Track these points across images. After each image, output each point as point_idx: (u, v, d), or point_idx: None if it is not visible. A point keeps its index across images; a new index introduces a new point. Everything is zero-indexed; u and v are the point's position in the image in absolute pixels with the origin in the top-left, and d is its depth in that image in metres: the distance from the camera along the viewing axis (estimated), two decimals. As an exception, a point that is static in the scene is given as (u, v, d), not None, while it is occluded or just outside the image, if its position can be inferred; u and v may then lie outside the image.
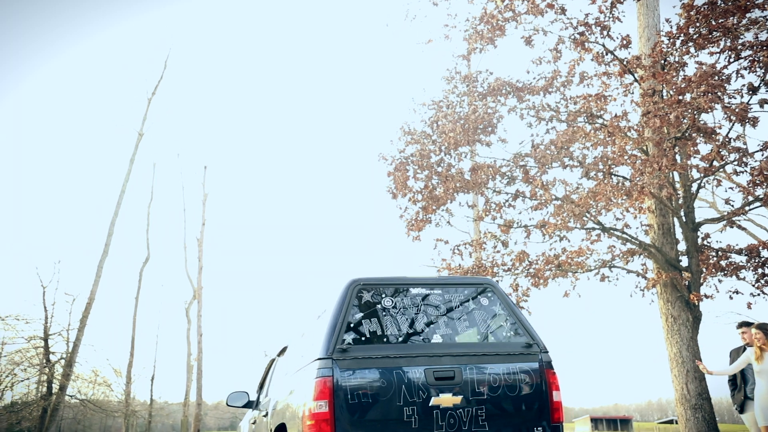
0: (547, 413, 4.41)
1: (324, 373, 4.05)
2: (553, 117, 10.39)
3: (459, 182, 10.58)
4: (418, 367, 4.22)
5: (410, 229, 11.88)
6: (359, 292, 4.53)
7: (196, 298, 30.15)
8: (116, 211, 26.29)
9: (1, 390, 50.59)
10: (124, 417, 30.09)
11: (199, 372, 29.15)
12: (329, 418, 3.95)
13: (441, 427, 4.13)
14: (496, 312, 4.70)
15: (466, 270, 11.53)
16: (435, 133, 10.78)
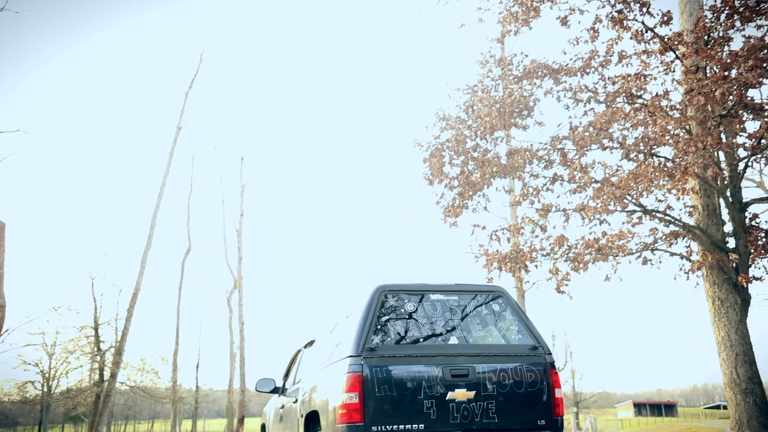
0: (549, 408, 4.94)
1: (355, 369, 4.65)
2: (591, 98, 10.18)
3: (495, 167, 10.49)
4: (436, 366, 4.80)
5: (447, 216, 11.84)
6: (384, 297, 5.12)
7: (237, 288, 30.72)
8: (158, 204, 26.94)
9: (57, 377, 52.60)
10: (172, 403, 31.00)
11: (241, 359, 29.78)
12: (359, 408, 4.56)
13: (456, 419, 4.72)
14: (506, 317, 5.28)
15: (504, 256, 11.45)
16: (470, 118, 10.69)
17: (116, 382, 26.18)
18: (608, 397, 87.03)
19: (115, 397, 28.41)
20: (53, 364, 55.19)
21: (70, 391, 33.20)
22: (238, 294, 30.49)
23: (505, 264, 11.46)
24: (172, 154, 27.77)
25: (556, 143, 10.32)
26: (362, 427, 4.56)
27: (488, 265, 11.54)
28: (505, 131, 11.03)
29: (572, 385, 50.51)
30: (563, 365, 49.93)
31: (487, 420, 4.78)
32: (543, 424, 4.90)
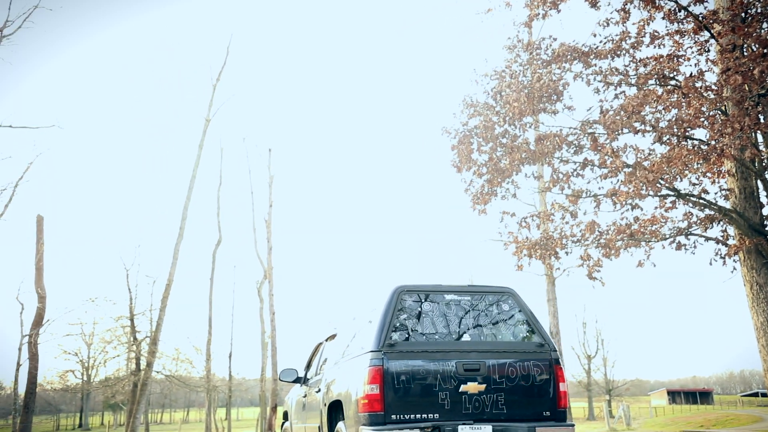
0: (554, 400, 5.36)
1: (376, 363, 5.10)
2: (622, 81, 9.97)
3: (525, 153, 10.37)
4: (450, 360, 5.22)
5: (476, 203, 11.77)
6: (403, 297, 5.54)
7: (267, 278, 31.07)
8: (188, 196, 27.36)
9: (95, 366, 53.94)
10: (206, 392, 31.59)
11: (273, 349, 30.16)
12: (380, 399, 5.02)
13: (468, 410, 5.15)
14: (515, 316, 5.72)
15: (534, 243, 11.34)
16: (498, 104, 10.57)
17: (152, 371, 26.81)
18: (641, 384, 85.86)
19: (151, 386, 29.09)
20: (92, 353, 56.67)
21: (109, 380, 34.13)
22: (269, 284, 30.83)
23: (535, 251, 11.35)
24: (201, 146, 28.13)
25: (587, 128, 10.15)
26: (383, 415, 5.02)
27: (518, 253, 11.45)
28: (533, 117, 10.88)
29: (604, 373, 49.99)
30: (594, 353, 49.45)
31: (496, 411, 5.20)
32: (548, 415, 5.31)
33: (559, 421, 5.33)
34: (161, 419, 77.77)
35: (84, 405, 67.96)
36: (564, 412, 5.39)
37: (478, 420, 5.15)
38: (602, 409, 45.60)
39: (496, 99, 10.62)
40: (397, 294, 5.53)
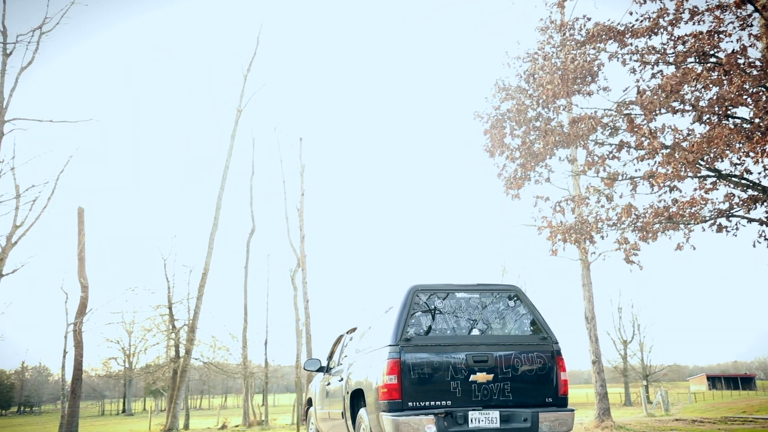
0: (556, 388, 5.88)
1: (394, 356, 5.61)
2: (659, 60, 9.70)
3: (558, 136, 10.20)
4: (461, 353, 5.73)
5: (509, 188, 11.65)
6: (417, 295, 6.04)
7: (301, 266, 31.36)
8: (222, 186, 27.75)
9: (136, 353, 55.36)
10: (243, 378, 32.16)
11: (308, 336, 30.51)
12: (398, 387, 5.52)
13: (477, 397, 5.65)
14: (521, 312, 6.22)
15: (568, 227, 11.19)
16: (531, 87, 10.41)
17: (191, 358, 27.40)
18: (679, 370, 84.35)
19: (190, 372, 29.76)
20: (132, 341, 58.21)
21: (149, 367, 35.00)
22: (302, 272, 31.13)
23: (570, 236, 11.20)
24: (233, 136, 28.45)
25: (622, 109, 9.93)
26: (400, 403, 5.52)
27: (552, 238, 11.31)
28: (567, 99, 10.69)
29: (641, 358, 49.21)
30: (630, 338, 48.70)
31: (503, 398, 5.71)
32: (551, 401, 5.83)
33: (560, 406, 5.86)
34: (200, 405, 79.61)
35: (127, 391, 70.00)
36: (565, 399, 5.92)
37: (486, 406, 5.65)
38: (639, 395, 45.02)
39: (528, 82, 10.46)
40: (412, 293, 6.04)
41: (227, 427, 28.35)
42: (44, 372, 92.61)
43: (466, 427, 5.54)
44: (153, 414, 43.08)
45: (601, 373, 18.54)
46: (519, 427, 5.63)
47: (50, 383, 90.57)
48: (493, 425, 5.59)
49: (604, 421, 17.23)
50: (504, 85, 10.79)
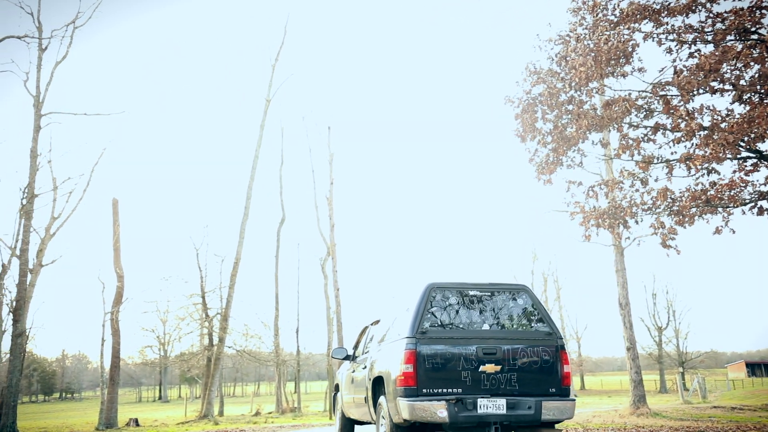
0: (559, 379, 6.32)
1: (410, 347, 6.12)
2: (697, 38, 9.41)
3: (592, 119, 9.99)
4: (472, 345, 6.23)
5: (541, 173, 11.49)
6: (433, 292, 6.54)
7: (330, 255, 31.54)
8: (252, 176, 28.00)
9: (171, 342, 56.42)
10: (275, 366, 32.61)
11: (338, 324, 30.73)
12: (413, 375, 6.03)
13: (486, 386, 6.13)
14: (528, 308, 6.69)
15: (601, 212, 11.00)
16: (563, 70, 10.21)
17: (224, 346, 27.85)
18: (717, 357, 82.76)
19: (223, 360, 30.26)
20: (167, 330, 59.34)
21: (184, 355, 35.69)
22: (332, 261, 31.31)
23: (603, 221, 11.01)
24: (262, 126, 28.65)
25: (658, 90, 9.68)
26: (416, 389, 6.03)
27: (585, 223, 11.14)
28: (599, 81, 10.46)
29: (676, 345, 48.38)
30: (665, 324, 47.89)
31: (510, 387, 6.18)
32: (554, 392, 6.26)
33: (563, 396, 6.29)
34: (234, 392, 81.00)
35: (162, 378, 71.61)
36: (567, 389, 6.37)
37: (494, 395, 6.13)
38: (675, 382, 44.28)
39: (560, 65, 10.26)
40: (428, 289, 6.53)
41: (261, 413, 28.80)
42: (83, 360, 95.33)
43: (475, 412, 6.03)
44: (188, 401, 44.00)
45: (635, 360, 18.29)
46: (524, 414, 6.10)
47: (89, 370, 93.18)
48: (499, 411, 6.07)
49: (640, 408, 17.02)
50: (535, 69, 10.61)
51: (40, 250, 20.92)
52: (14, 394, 19.30)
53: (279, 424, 17.90)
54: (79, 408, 58.51)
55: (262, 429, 15.00)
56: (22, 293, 19.73)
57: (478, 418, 6.03)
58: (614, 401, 34.75)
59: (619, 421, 14.53)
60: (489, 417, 6.04)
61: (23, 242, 19.91)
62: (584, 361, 58.41)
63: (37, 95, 21.07)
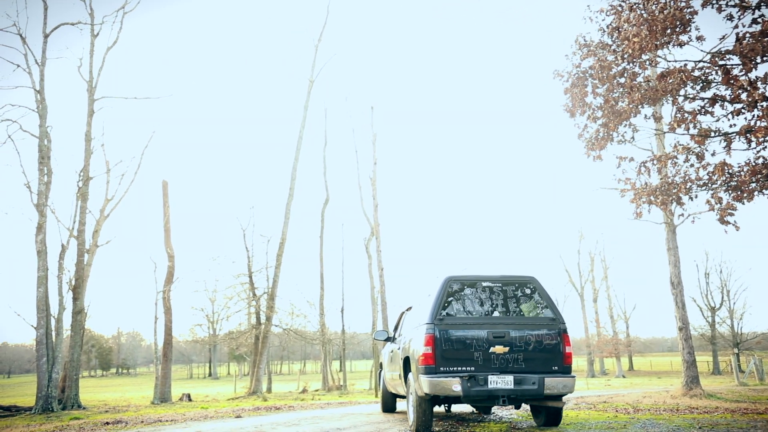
0: (561, 359, 7.17)
1: (429, 331, 7.08)
2: (761, 3, 8.94)
3: (645, 91, 9.65)
4: (483, 330, 7.14)
5: (590, 149, 11.22)
6: (451, 284, 7.50)
7: (374, 235, 31.69)
8: (296, 157, 28.26)
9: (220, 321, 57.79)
10: (321, 344, 33.14)
11: (383, 303, 30.95)
12: (432, 356, 6.99)
13: (495, 365, 7.04)
14: (535, 297, 7.60)
15: (654, 189, 10.67)
16: (615, 42, 9.87)
17: (271, 325, 28.44)
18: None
19: (270, 339, 30.91)
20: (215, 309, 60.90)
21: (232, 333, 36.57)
22: (376, 241, 31.47)
23: (656, 197, 10.69)
24: (306, 107, 28.81)
25: (717, 60, 9.26)
26: (434, 367, 6.97)
27: (636, 200, 10.84)
28: (653, 53, 10.07)
29: (731, 326, 46.93)
30: (719, 304, 46.48)
31: (517, 366, 7.06)
32: (556, 369, 7.13)
33: (565, 373, 7.14)
34: (281, 370, 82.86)
35: (212, 356, 73.82)
36: (569, 367, 7.18)
37: (503, 372, 7.01)
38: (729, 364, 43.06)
39: (612, 36, 9.92)
40: (446, 281, 7.49)
41: (307, 391, 29.39)
42: (137, 337, 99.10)
43: (486, 387, 6.93)
44: (237, 378, 45.24)
45: (688, 340, 17.82)
46: (528, 388, 6.96)
47: (143, 347, 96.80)
48: (507, 387, 6.94)
49: (693, 389, 16.62)
50: (585, 41, 10.30)
51: (96, 231, 21.69)
52: (76, 368, 20.21)
53: (326, 401, 18.23)
54: (135, 383, 60.94)
55: (310, 405, 15.31)
56: (80, 272, 20.54)
57: (488, 392, 6.93)
58: (664, 382, 34.08)
59: (671, 402, 14.24)
60: (498, 391, 6.92)
61: (80, 223, 20.68)
62: (633, 341, 57.32)
63: (90, 80, 21.67)
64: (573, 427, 8.13)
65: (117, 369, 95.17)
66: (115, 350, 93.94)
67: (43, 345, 18.80)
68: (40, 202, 19.65)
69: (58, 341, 19.55)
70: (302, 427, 8.81)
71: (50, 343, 19.08)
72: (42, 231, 19.52)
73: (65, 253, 20.42)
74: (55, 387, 18.91)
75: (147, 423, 10.82)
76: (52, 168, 20.16)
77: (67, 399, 19.68)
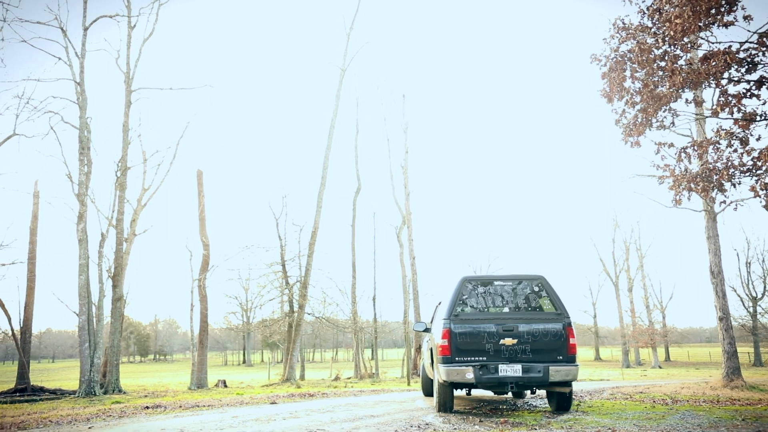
0: (566, 349, 7.94)
1: (446, 326, 8.06)
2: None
3: (687, 74, 9.36)
4: (494, 324, 8.02)
5: (628, 135, 10.95)
6: (466, 283, 8.55)
7: (406, 224, 31.66)
8: (328, 146, 28.34)
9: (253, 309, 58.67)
10: (353, 332, 33.34)
11: (414, 292, 30.96)
12: (449, 347, 7.98)
13: (505, 355, 7.91)
14: (542, 294, 8.47)
15: (694, 175, 10.39)
16: (656, 24, 9.59)
17: (304, 313, 28.71)
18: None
19: (303, 327, 31.22)
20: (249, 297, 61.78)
21: (266, 321, 37.04)
22: (408, 230, 31.45)
23: (696, 184, 10.40)
24: (338, 96, 28.82)
25: (765, 40, 8.91)
26: (450, 357, 7.94)
27: (675, 187, 10.57)
28: (695, 35, 9.74)
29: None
30: (761, 295, 45.19)
31: (524, 356, 7.89)
32: (561, 359, 7.91)
33: (569, 363, 7.91)
34: (313, 358, 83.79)
35: (246, 343, 75.02)
36: (573, 357, 7.95)
37: (512, 361, 7.86)
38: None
39: (653, 18, 9.63)
40: (462, 281, 8.49)
41: (340, 378, 29.64)
42: (173, 324, 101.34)
43: (496, 375, 7.81)
44: (270, 365, 45.91)
45: (729, 331, 17.39)
46: (535, 376, 7.78)
47: (179, 335, 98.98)
48: (516, 374, 7.78)
49: (733, 381, 16.23)
50: (624, 24, 10.02)
51: (133, 220, 22.17)
52: (116, 354, 20.77)
53: (359, 389, 18.36)
54: (172, 369, 62.38)
55: (343, 393, 15.43)
56: (119, 261, 21.04)
57: (498, 380, 7.80)
58: (703, 373, 33.36)
59: (711, 393, 13.93)
60: (507, 379, 7.78)
61: (118, 212, 21.15)
62: (669, 331, 56.18)
63: (128, 72, 22.06)
64: (610, 417, 8.02)
65: (154, 355, 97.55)
66: (153, 337, 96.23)
67: (85, 331, 19.35)
68: (80, 192, 20.14)
69: (99, 327, 20.10)
70: (336, 414, 8.88)
71: (92, 329, 19.62)
72: (83, 220, 20.03)
73: (105, 242, 20.93)
74: (97, 372, 19.47)
75: (185, 408, 11.05)
76: (91, 158, 20.63)
77: (108, 383, 20.25)
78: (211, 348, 76.91)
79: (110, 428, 7.96)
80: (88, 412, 10.90)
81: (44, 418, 10.09)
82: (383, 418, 8.28)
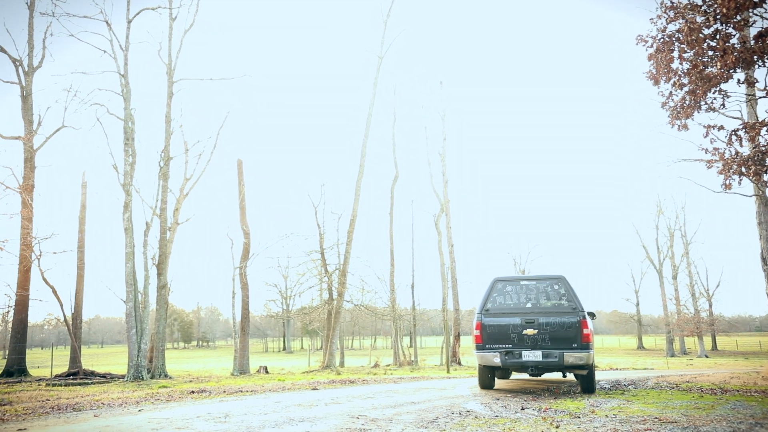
0: (580, 338, 9.36)
1: (479, 319, 9.90)
2: None
3: (740, 53, 8.99)
4: (518, 317, 9.71)
5: (675, 118, 10.61)
6: (497, 283, 10.17)
7: (444, 211, 31.50)
8: (366, 134, 28.35)
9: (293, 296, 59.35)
10: (392, 320, 33.46)
11: (453, 280, 30.84)
12: (481, 336, 9.78)
13: (527, 343, 9.53)
14: (561, 292, 9.85)
15: (745, 159, 10.02)
16: (706, 3, 9.23)
17: (343, 300, 28.94)
18: None
19: (342, 314, 31.47)
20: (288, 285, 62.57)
21: (305, 309, 37.51)
22: (446, 217, 31.29)
23: (748, 168, 10.03)
24: (375, 84, 28.75)
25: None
26: (482, 345, 9.74)
27: (725, 171, 10.21)
28: (749, 11, 9.34)
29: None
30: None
31: (544, 344, 9.46)
32: (575, 346, 9.33)
33: (583, 349, 9.29)
34: (352, 345, 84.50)
35: (286, 331, 76.17)
36: (587, 344, 9.31)
37: (533, 348, 9.47)
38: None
39: (703, -4, 9.27)
40: (494, 282, 10.18)
41: (379, 365, 29.82)
42: (215, 312, 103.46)
43: (520, 359, 9.47)
44: (310, 352, 46.50)
45: (780, 321, 16.78)
46: (552, 360, 9.32)
47: (221, 322, 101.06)
48: (536, 359, 9.39)
49: (785, 372, 15.66)
50: (672, 4, 9.68)
51: (176, 209, 22.64)
52: (162, 340, 21.35)
53: (398, 376, 18.43)
54: (214, 355, 63.82)
55: (383, 380, 15.51)
56: (163, 249, 21.55)
57: (521, 363, 9.46)
58: (752, 363, 32.38)
59: (763, 383, 13.49)
60: (528, 362, 9.41)
61: (162, 202, 21.63)
62: (716, 320, 54.69)
63: (169, 63, 22.46)
64: (656, 406, 7.86)
65: (197, 342, 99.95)
66: (195, 324, 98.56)
67: (132, 317, 19.92)
68: (126, 182, 20.66)
69: (145, 314, 20.66)
70: (378, 400, 8.94)
71: (138, 316, 20.19)
72: (128, 209, 20.55)
73: (149, 231, 21.44)
74: (144, 357, 20.05)
75: (229, 393, 11.29)
76: (135, 149, 21.12)
77: (154, 369, 20.84)
78: (252, 335, 78.32)
79: (159, 411, 8.19)
80: (137, 396, 11.24)
81: (96, 400, 10.45)
82: (424, 404, 8.30)
